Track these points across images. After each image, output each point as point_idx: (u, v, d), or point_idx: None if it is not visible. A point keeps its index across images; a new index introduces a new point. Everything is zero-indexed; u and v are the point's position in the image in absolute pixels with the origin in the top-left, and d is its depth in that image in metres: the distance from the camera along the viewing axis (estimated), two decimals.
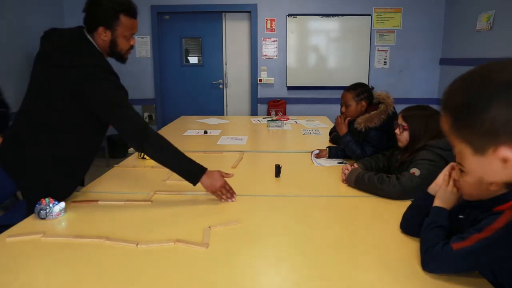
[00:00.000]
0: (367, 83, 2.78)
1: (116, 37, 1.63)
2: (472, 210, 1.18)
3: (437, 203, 1.22)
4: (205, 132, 3.13)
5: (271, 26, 5.27)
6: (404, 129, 1.75)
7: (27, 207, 1.69)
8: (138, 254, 1.23)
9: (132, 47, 1.73)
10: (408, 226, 1.33)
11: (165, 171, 2.08)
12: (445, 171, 1.26)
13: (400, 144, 1.80)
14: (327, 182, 1.95)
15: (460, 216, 1.22)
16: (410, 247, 1.25)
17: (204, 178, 1.61)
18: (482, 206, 1.13)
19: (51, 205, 1.47)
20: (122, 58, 1.73)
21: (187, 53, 5.51)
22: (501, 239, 1.01)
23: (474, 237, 1.04)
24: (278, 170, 1.99)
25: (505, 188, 1.10)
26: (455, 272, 1.07)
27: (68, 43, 1.59)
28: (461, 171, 1.15)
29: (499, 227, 1.02)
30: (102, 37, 1.62)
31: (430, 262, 1.07)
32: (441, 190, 1.23)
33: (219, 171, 1.67)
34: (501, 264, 1.04)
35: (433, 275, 1.08)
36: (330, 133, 2.88)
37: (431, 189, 1.28)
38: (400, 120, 1.77)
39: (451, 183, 1.22)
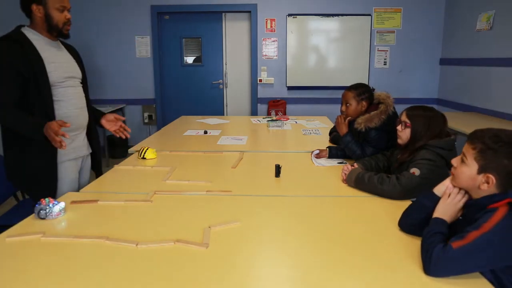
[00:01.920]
0: (367, 83, 2.78)
1: (48, 10, 1.82)
2: (468, 209, 1.19)
3: (437, 215, 1.23)
4: (205, 132, 3.13)
5: (271, 26, 5.27)
6: (406, 126, 1.76)
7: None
8: (138, 254, 1.23)
9: (68, 21, 1.90)
10: (408, 223, 1.34)
11: (165, 170, 2.09)
12: (449, 183, 1.26)
13: (400, 141, 1.81)
14: (327, 182, 1.95)
15: (459, 217, 1.23)
16: (410, 247, 1.25)
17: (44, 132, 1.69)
18: (478, 204, 1.15)
19: (51, 205, 1.47)
20: (61, 33, 1.90)
21: (199, 54, 5.52)
22: (499, 234, 1.03)
23: (473, 234, 1.05)
24: (278, 170, 1.99)
25: (495, 189, 1.11)
26: (458, 273, 1.06)
27: None
28: (462, 161, 1.17)
29: (495, 223, 1.04)
30: (37, 14, 1.82)
31: (432, 265, 1.07)
32: (441, 203, 1.24)
33: (56, 122, 1.69)
34: (501, 260, 1.05)
35: None
36: (330, 133, 2.88)
37: (437, 189, 1.29)
38: (404, 117, 1.78)
39: (452, 195, 1.23)
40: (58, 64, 1.89)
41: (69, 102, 1.93)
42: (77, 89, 2.01)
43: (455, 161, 1.22)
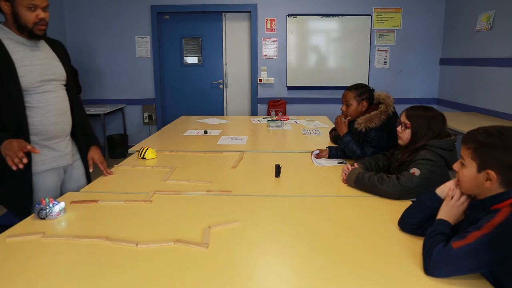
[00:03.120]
0: (367, 83, 2.78)
1: (16, 8, 1.63)
2: (471, 209, 1.19)
3: (440, 216, 1.23)
4: (205, 132, 3.13)
5: (271, 26, 5.27)
6: (406, 127, 1.76)
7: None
8: (138, 254, 1.23)
9: (41, 20, 1.69)
10: (408, 223, 1.34)
11: (165, 170, 2.09)
12: (452, 185, 1.26)
13: (400, 142, 1.81)
14: (327, 182, 1.95)
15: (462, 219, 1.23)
16: (410, 247, 1.25)
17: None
18: (481, 205, 1.14)
19: (51, 205, 1.47)
20: (32, 33, 1.69)
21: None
22: (500, 235, 1.03)
23: (474, 235, 1.05)
24: (278, 170, 1.99)
25: (501, 187, 1.11)
26: (458, 274, 1.06)
27: None
28: (462, 164, 1.18)
29: (497, 224, 1.04)
30: (5, 10, 1.65)
31: (432, 265, 1.07)
32: (444, 205, 1.24)
33: (18, 141, 1.56)
34: (502, 262, 1.05)
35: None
36: (331, 132, 2.89)
37: (440, 190, 1.29)
38: (403, 118, 1.78)
39: (455, 197, 1.23)
40: (32, 67, 1.71)
41: (45, 108, 1.75)
42: (58, 93, 1.82)
43: (456, 166, 1.22)
